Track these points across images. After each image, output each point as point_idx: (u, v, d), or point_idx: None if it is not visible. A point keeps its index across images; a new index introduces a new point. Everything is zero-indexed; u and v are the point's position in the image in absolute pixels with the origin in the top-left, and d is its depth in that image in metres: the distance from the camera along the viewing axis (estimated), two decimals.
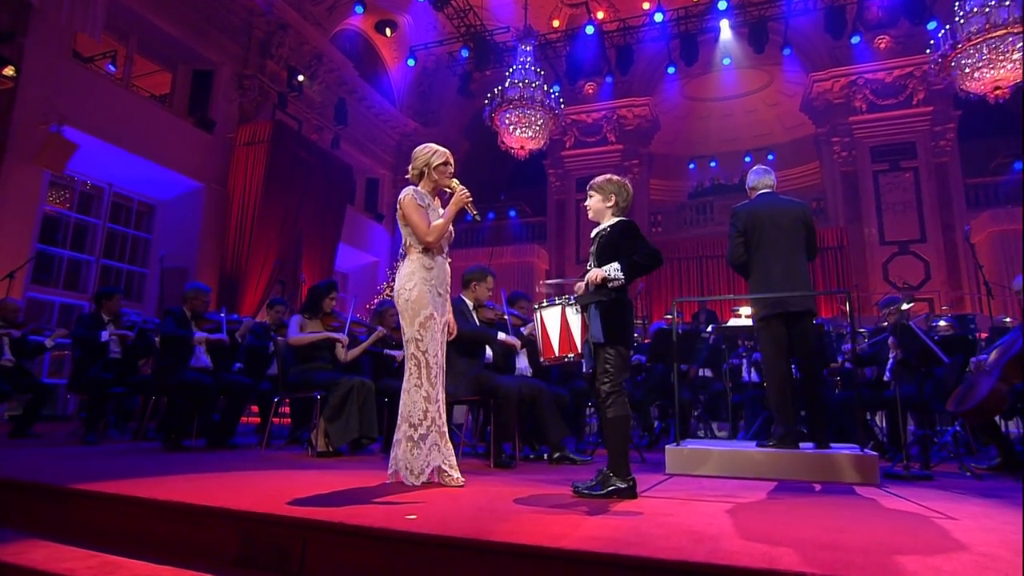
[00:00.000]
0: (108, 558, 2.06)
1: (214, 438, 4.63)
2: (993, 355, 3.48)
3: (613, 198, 2.75)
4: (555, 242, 14.89)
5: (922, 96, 12.70)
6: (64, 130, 7.79)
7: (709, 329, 5.16)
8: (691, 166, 16.42)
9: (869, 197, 12.95)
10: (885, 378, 4.49)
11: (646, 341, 6.25)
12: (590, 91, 14.84)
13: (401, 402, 2.76)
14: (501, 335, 3.96)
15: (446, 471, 2.76)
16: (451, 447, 2.82)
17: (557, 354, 2.71)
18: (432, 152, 2.93)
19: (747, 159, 16.02)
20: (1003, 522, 2.15)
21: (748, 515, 2.19)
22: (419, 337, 2.73)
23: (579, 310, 2.69)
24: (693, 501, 2.50)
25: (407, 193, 2.85)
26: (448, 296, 2.94)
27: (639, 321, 8.40)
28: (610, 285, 2.57)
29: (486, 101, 10.26)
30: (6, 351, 5.33)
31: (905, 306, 4.40)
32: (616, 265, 2.55)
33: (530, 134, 9.86)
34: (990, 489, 3.07)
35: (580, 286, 2.67)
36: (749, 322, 4.44)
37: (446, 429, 2.82)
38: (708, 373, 6.26)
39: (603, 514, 2.14)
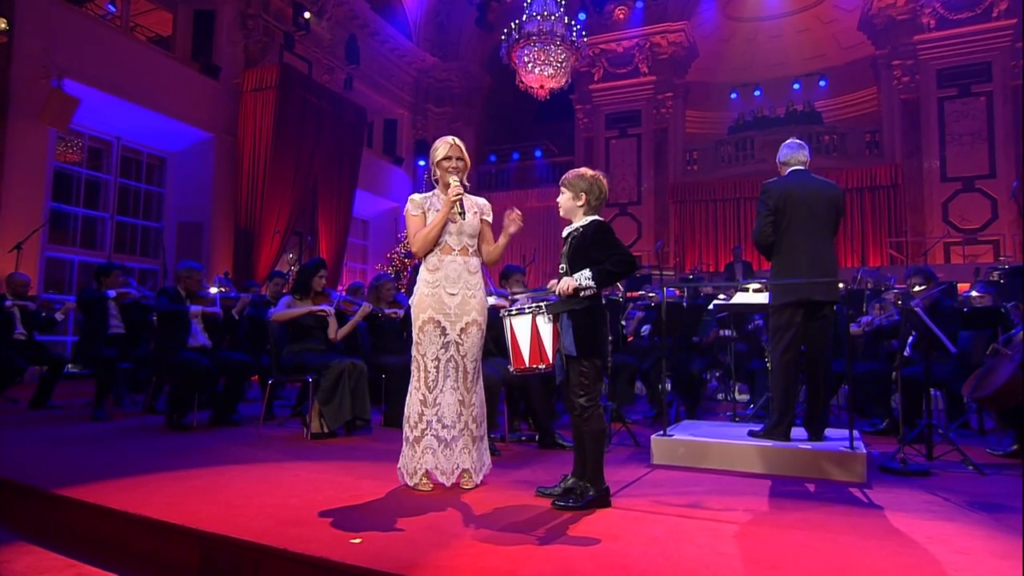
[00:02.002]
0: (83, 568, 2.21)
1: (217, 413, 4.68)
2: (1021, 335, 3.12)
3: (584, 196, 2.55)
4: None
5: (1004, 7, 11.09)
6: (64, 84, 7.57)
7: (711, 307, 4.86)
8: (733, 96, 15.11)
9: (932, 127, 11.71)
10: (906, 353, 4.31)
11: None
12: (620, 16, 13.60)
13: (405, 403, 2.82)
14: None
15: (467, 471, 2.78)
16: (457, 450, 2.74)
17: (528, 364, 2.61)
18: (436, 146, 2.86)
19: (796, 86, 14.63)
20: (958, 550, 2.02)
21: (690, 541, 2.10)
22: (418, 341, 2.77)
23: (550, 319, 2.56)
24: (651, 514, 2.42)
25: (408, 202, 2.90)
26: (469, 292, 2.80)
27: (666, 274, 7.94)
28: (582, 294, 2.44)
29: (503, 37, 9.45)
30: (18, 325, 5.38)
31: (916, 288, 4.19)
32: (587, 273, 2.42)
33: (550, 72, 9.09)
34: (984, 491, 2.87)
35: (552, 282, 2.57)
36: (757, 298, 4.12)
37: (454, 435, 2.72)
38: (731, 334, 5.98)
39: (556, 541, 2.08)
